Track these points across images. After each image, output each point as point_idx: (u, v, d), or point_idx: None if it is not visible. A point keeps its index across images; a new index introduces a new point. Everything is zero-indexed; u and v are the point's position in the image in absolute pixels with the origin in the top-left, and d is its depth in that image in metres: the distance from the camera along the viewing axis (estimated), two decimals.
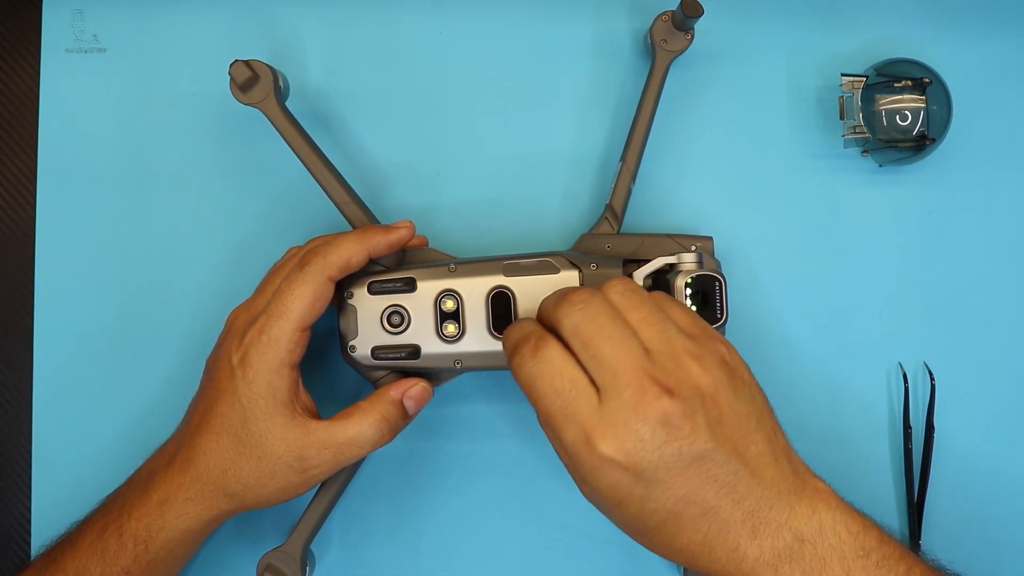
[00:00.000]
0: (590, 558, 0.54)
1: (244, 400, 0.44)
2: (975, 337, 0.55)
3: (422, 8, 0.56)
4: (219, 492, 0.45)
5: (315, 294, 0.44)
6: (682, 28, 0.51)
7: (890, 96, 0.52)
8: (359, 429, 0.45)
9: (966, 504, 0.54)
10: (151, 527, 0.45)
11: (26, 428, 0.54)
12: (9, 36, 0.56)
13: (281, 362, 0.44)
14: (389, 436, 0.46)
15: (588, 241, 0.51)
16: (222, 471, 0.44)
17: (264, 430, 0.44)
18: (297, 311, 0.44)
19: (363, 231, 0.46)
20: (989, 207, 0.55)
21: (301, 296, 0.44)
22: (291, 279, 0.44)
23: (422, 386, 0.47)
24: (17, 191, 0.55)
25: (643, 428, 0.37)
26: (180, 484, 0.45)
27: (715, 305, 0.46)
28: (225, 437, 0.44)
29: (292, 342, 0.44)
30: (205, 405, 0.46)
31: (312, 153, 0.49)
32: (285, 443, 0.44)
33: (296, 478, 0.45)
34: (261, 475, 0.44)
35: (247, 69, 0.48)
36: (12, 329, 0.54)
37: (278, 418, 0.44)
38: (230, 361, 0.44)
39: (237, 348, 0.44)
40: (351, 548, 0.54)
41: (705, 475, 0.38)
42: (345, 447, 0.45)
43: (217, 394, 0.45)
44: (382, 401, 0.46)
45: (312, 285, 0.44)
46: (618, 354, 0.38)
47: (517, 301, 0.48)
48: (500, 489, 0.54)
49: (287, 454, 0.44)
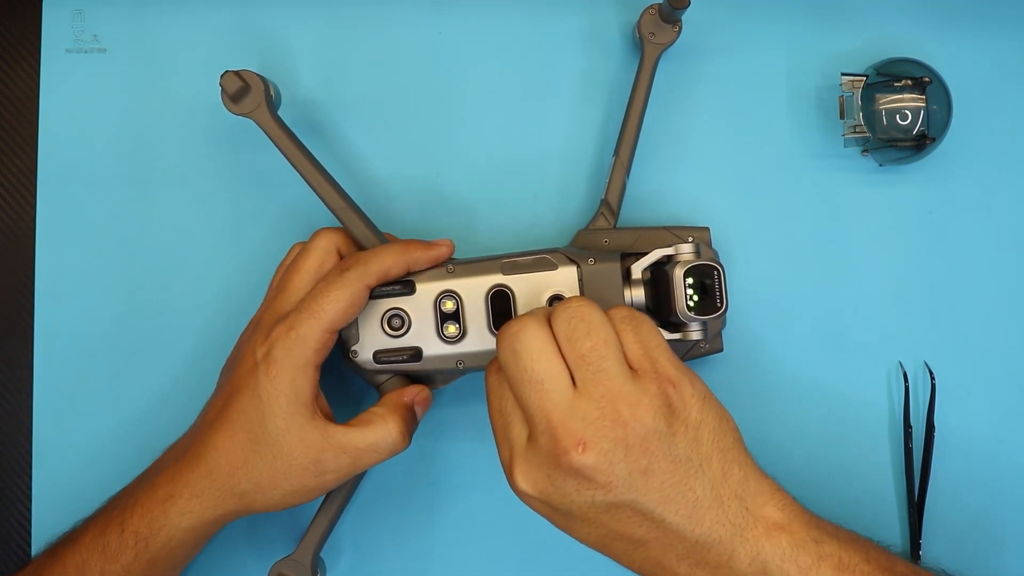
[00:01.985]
0: (592, 557, 0.54)
1: (265, 396, 0.43)
2: (975, 336, 0.55)
3: (414, 9, 0.56)
4: (227, 490, 0.44)
5: (351, 299, 0.44)
6: (669, 21, 0.51)
7: (890, 95, 0.52)
8: (380, 435, 0.45)
9: (967, 504, 0.54)
10: (152, 524, 0.44)
11: (26, 428, 0.54)
12: (9, 36, 0.56)
13: (307, 361, 0.43)
14: (402, 445, 0.46)
15: (585, 236, 0.51)
16: (233, 468, 0.44)
17: (283, 429, 0.43)
18: (331, 312, 0.44)
19: (406, 244, 0.47)
20: (989, 207, 0.55)
21: (337, 299, 0.44)
22: (330, 281, 0.44)
23: (427, 393, 0.48)
24: (17, 191, 0.55)
25: (555, 475, 0.38)
26: (187, 480, 0.44)
27: (715, 294, 0.46)
28: (241, 433, 0.44)
29: (320, 342, 0.44)
30: (223, 400, 0.45)
31: (306, 160, 0.49)
32: (304, 444, 0.43)
33: (310, 481, 0.44)
34: (274, 475, 0.44)
35: (237, 79, 0.47)
36: (12, 329, 0.54)
37: (298, 418, 0.43)
38: (254, 356, 0.44)
39: (262, 343, 0.44)
40: (361, 554, 0.54)
41: (628, 519, 0.38)
42: (364, 453, 0.44)
43: (237, 389, 0.44)
44: (399, 407, 0.46)
45: (350, 290, 0.44)
46: (537, 400, 0.38)
47: (516, 299, 0.48)
48: (504, 490, 0.54)
49: (304, 456, 0.44)
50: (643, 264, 0.48)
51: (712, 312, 0.46)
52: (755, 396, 0.54)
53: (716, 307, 0.46)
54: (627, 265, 0.48)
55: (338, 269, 0.45)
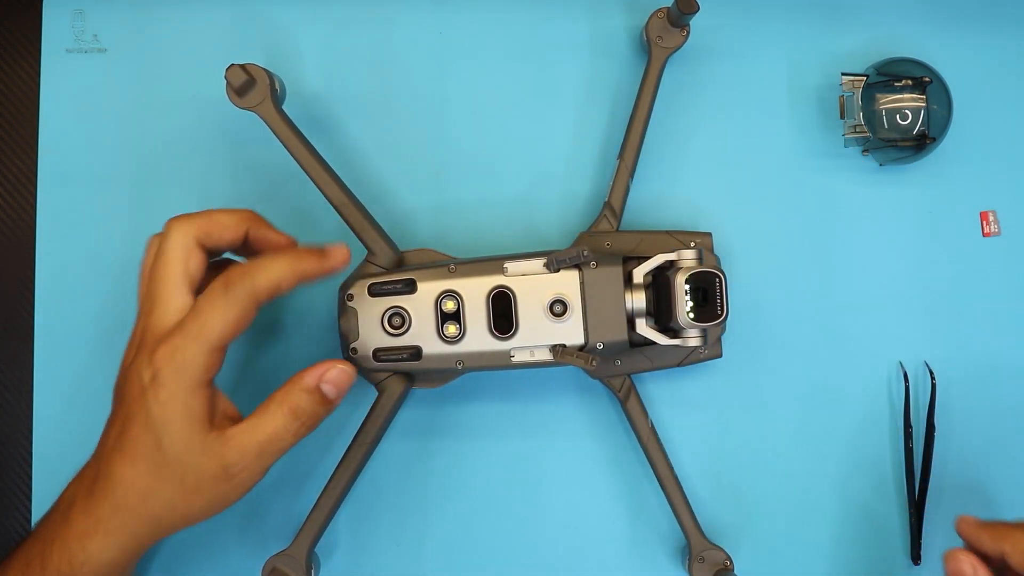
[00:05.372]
0: (593, 558, 0.54)
1: (159, 422, 0.41)
2: (975, 336, 0.55)
3: (419, 9, 0.56)
4: (142, 519, 0.42)
5: (238, 318, 0.41)
6: (677, 25, 0.51)
7: (890, 95, 0.52)
8: (273, 425, 0.42)
9: (967, 504, 0.54)
10: (73, 561, 0.42)
11: (26, 428, 0.54)
12: (9, 36, 0.55)
13: (197, 382, 0.41)
14: (307, 427, 0.44)
15: (587, 239, 0.51)
16: (142, 497, 0.42)
17: (182, 450, 0.41)
18: (217, 332, 0.41)
19: (296, 255, 0.43)
20: (989, 207, 0.55)
21: (224, 320, 0.41)
22: (212, 299, 0.41)
23: (340, 368, 0.44)
24: (17, 191, 0.55)
25: None
26: (99, 515, 0.42)
27: (715, 302, 0.46)
28: (141, 462, 0.41)
29: (208, 362, 0.41)
30: (118, 428, 0.43)
31: (309, 156, 0.49)
32: (207, 457, 0.41)
33: (223, 487, 0.42)
34: (186, 493, 0.42)
35: (243, 73, 0.47)
36: (12, 328, 0.54)
37: (196, 436, 0.41)
38: (140, 380, 0.41)
39: (147, 365, 0.41)
40: (356, 550, 0.54)
41: None
42: (265, 445, 0.42)
43: (129, 416, 0.42)
44: (294, 390, 0.43)
45: (236, 309, 0.41)
46: None
47: (517, 301, 0.48)
48: (503, 489, 0.54)
49: (210, 467, 0.42)
50: (645, 269, 0.48)
51: (712, 319, 0.46)
52: (755, 397, 0.54)
53: (716, 315, 0.46)
54: (629, 269, 0.48)
55: (222, 283, 0.41)
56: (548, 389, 0.54)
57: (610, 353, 0.49)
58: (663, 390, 0.54)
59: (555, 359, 0.47)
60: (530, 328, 0.48)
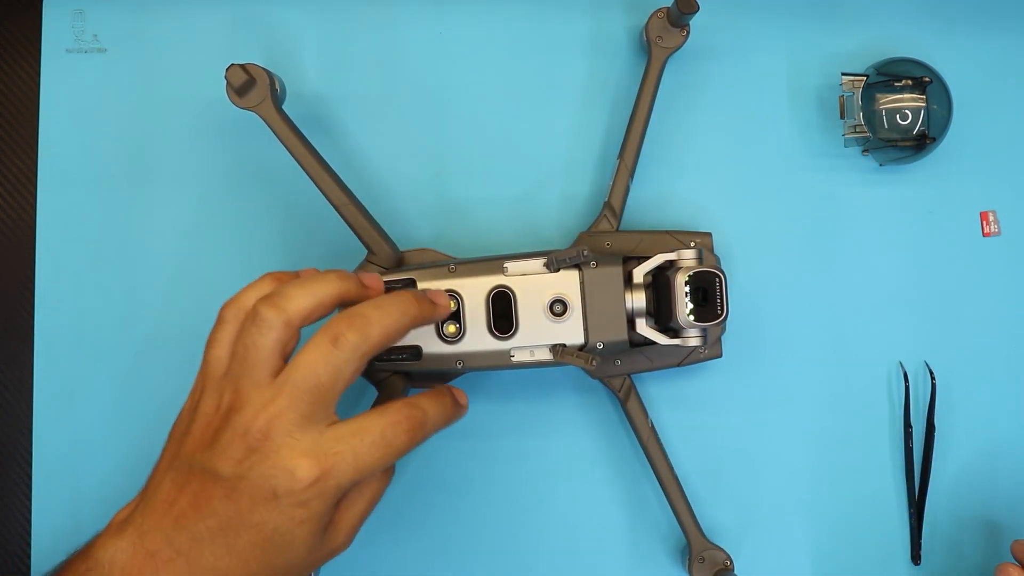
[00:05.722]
0: (593, 558, 0.54)
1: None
2: (975, 337, 0.55)
3: (419, 9, 0.56)
4: None
5: (394, 459, 0.39)
6: (677, 24, 0.51)
7: (890, 95, 0.52)
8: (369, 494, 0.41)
9: (967, 504, 0.54)
10: None
11: (26, 428, 0.54)
12: (9, 36, 0.55)
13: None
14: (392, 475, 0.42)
15: (587, 239, 0.51)
16: None
17: (304, 556, 0.38)
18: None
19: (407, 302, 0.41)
20: (989, 207, 0.55)
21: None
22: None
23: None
24: (17, 191, 0.55)
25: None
26: None
27: (715, 301, 0.46)
28: (254, 564, 0.37)
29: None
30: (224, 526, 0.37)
31: (309, 156, 0.49)
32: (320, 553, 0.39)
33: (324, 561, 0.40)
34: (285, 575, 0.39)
35: (243, 73, 0.47)
36: (12, 328, 0.54)
37: (317, 544, 0.38)
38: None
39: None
40: (355, 549, 0.53)
41: None
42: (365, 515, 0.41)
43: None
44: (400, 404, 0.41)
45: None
46: None
47: (517, 300, 0.48)
48: (502, 488, 0.54)
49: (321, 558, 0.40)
50: (645, 268, 0.48)
51: (712, 319, 0.46)
52: (755, 397, 0.54)
53: (716, 314, 0.46)
54: (629, 269, 0.48)
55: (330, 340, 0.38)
56: (548, 389, 0.54)
57: (610, 353, 0.49)
58: (663, 390, 0.54)
59: (555, 359, 0.47)
60: (530, 328, 0.48)
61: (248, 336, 0.38)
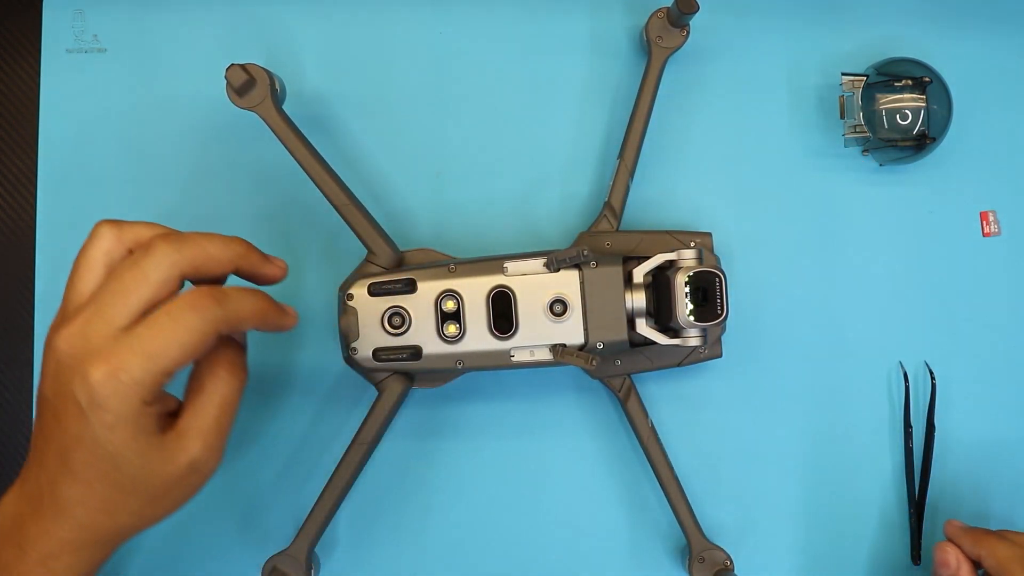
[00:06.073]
0: (593, 558, 0.54)
1: (109, 447, 0.37)
2: (975, 336, 0.55)
3: (418, 9, 0.56)
4: (110, 532, 0.40)
5: (199, 344, 0.37)
6: (677, 25, 0.51)
7: (890, 95, 0.52)
8: (219, 393, 0.40)
9: (967, 504, 0.54)
10: None
11: (26, 428, 0.54)
12: (9, 36, 0.55)
13: (143, 402, 0.37)
14: (245, 373, 0.42)
15: (587, 239, 0.51)
16: (108, 514, 0.39)
17: (141, 465, 0.38)
18: (173, 357, 0.37)
19: (266, 300, 0.41)
20: (989, 207, 0.55)
21: (184, 343, 0.37)
22: (176, 317, 0.37)
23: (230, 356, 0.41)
24: (17, 191, 0.55)
25: None
26: (60, 538, 0.39)
27: (715, 301, 0.46)
28: (99, 484, 0.38)
29: (157, 384, 0.37)
30: (60, 449, 0.38)
31: (309, 156, 0.49)
32: (170, 463, 0.39)
33: (194, 478, 0.40)
34: (155, 499, 0.40)
35: (243, 73, 0.47)
36: (12, 329, 0.54)
37: (153, 450, 0.38)
38: (75, 400, 0.37)
39: (82, 384, 0.36)
40: (356, 550, 0.54)
41: None
42: (221, 417, 0.40)
43: (71, 440, 0.38)
44: (220, 349, 0.41)
45: (200, 334, 0.37)
46: None
47: (517, 300, 0.48)
48: (502, 489, 0.54)
49: (177, 469, 0.39)
50: (645, 268, 0.48)
51: (712, 319, 0.46)
52: (755, 397, 0.54)
53: (716, 314, 0.46)
54: (629, 269, 0.48)
55: (189, 304, 0.37)
56: (548, 389, 0.54)
57: (610, 353, 0.49)
58: (663, 390, 0.54)
59: (555, 359, 0.47)
60: (530, 328, 0.48)
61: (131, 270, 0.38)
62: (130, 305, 0.37)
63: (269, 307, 0.41)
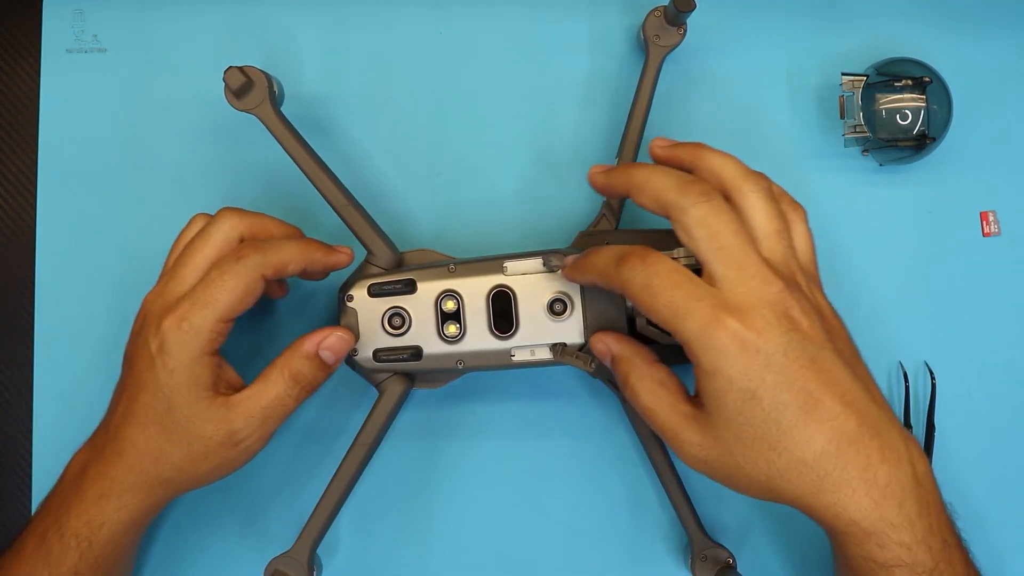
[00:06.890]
0: (595, 557, 0.54)
1: (166, 389, 0.43)
2: (975, 337, 0.55)
3: (418, 9, 0.56)
4: (154, 481, 0.44)
5: (246, 289, 0.43)
6: (674, 23, 0.51)
7: (890, 95, 0.52)
8: (275, 390, 0.44)
9: (967, 504, 0.54)
10: (92, 523, 0.44)
11: (26, 428, 0.54)
12: (9, 36, 0.56)
13: (202, 350, 0.43)
14: (306, 391, 0.46)
15: (587, 238, 0.51)
16: (154, 460, 0.44)
17: (189, 416, 0.43)
18: (224, 302, 0.43)
19: (307, 243, 0.46)
20: (989, 207, 0.55)
21: (232, 289, 0.43)
22: (224, 269, 0.43)
23: (338, 335, 0.46)
24: (17, 191, 0.55)
25: (767, 313, 0.38)
26: (113, 477, 0.44)
27: None
28: (152, 427, 0.44)
29: (215, 332, 0.43)
30: (128, 395, 0.45)
31: (308, 158, 0.49)
32: (213, 424, 0.43)
33: (231, 452, 0.44)
34: (194, 457, 0.44)
35: (241, 75, 0.47)
36: (12, 329, 0.54)
37: (202, 403, 0.43)
38: (149, 349, 0.43)
39: (155, 334, 0.43)
40: (358, 551, 0.54)
41: (826, 378, 0.39)
42: (268, 410, 0.44)
43: (139, 384, 0.44)
44: (294, 357, 0.45)
45: (245, 279, 0.43)
46: (743, 247, 0.40)
47: (518, 300, 0.48)
48: (504, 489, 0.54)
49: (217, 433, 0.44)
50: None
51: None
52: None
53: None
54: None
55: (234, 255, 0.44)
56: (549, 389, 0.54)
57: None
58: None
59: (555, 358, 0.47)
60: (530, 327, 0.48)
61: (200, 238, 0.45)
62: (197, 266, 0.44)
63: (312, 248, 0.46)
